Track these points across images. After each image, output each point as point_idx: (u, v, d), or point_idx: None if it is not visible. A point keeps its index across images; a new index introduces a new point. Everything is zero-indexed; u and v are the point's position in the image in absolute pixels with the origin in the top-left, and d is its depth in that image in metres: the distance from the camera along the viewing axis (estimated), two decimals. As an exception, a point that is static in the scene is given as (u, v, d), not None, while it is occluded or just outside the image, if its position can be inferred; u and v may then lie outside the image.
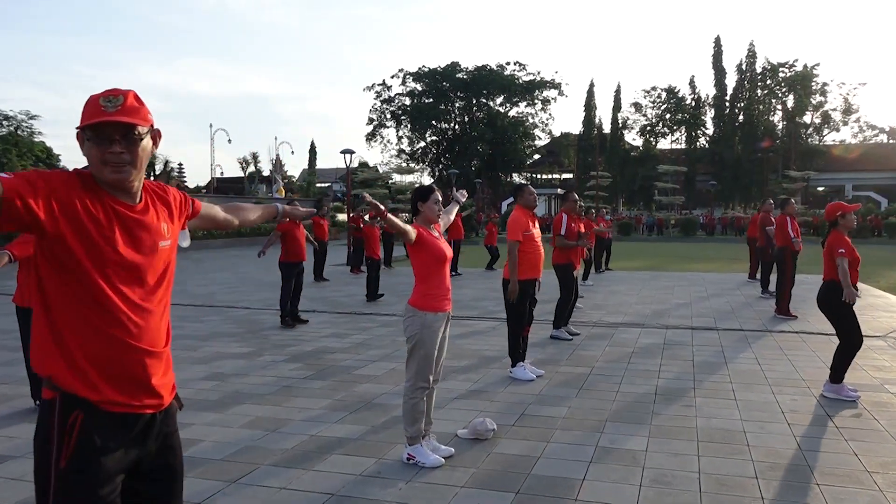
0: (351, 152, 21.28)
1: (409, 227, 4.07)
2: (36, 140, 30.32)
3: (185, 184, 78.73)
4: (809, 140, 67.51)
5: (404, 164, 66.96)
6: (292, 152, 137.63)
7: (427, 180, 75.31)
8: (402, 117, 70.02)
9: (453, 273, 17.05)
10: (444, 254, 4.22)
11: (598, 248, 17.69)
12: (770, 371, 6.69)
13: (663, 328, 9.26)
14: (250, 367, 6.98)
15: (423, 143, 71.77)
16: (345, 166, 21.86)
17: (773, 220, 12.90)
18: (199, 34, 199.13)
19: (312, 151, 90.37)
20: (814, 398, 5.70)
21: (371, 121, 70.55)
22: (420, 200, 4.30)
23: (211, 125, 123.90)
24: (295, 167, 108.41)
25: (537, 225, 6.62)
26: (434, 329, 4.15)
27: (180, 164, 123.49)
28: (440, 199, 4.34)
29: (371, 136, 70.95)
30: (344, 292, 13.74)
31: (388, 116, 70.78)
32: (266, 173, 63.65)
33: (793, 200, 10.33)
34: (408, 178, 63.79)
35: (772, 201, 13.02)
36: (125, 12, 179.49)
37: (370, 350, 7.83)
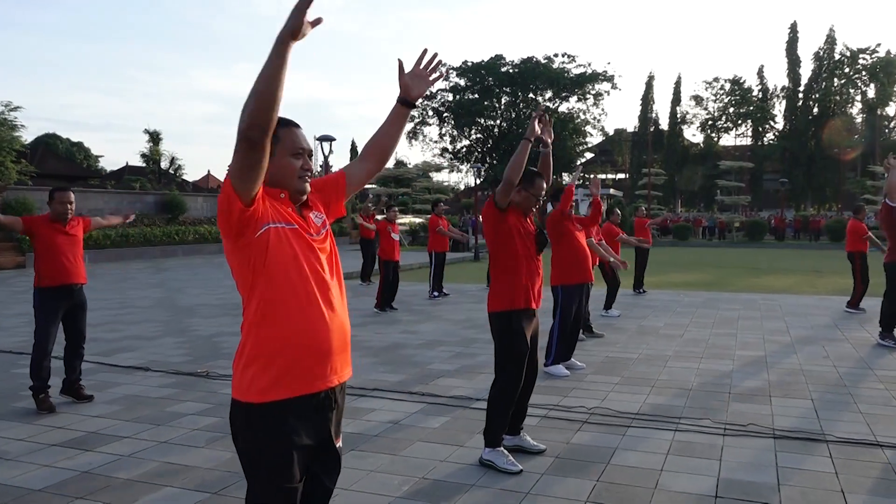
0: (331, 139, 17.42)
1: None
2: (16, 134, 27.22)
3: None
4: (893, 135, 60.64)
5: (440, 163, 63.29)
6: (331, 151, 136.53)
7: (471, 180, 71.43)
8: (445, 114, 66.45)
9: (436, 294, 12.92)
10: None
11: (639, 259, 13.52)
12: None
13: (719, 432, 4.82)
14: None
15: (466, 142, 68.12)
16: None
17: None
18: (256, 40, 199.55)
19: (353, 151, 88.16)
20: None
21: (412, 118, 66.91)
22: None
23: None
24: (337, 166, 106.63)
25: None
26: None
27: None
28: None
29: (412, 135, 67.44)
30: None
31: (430, 113, 67.46)
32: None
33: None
34: (453, 178, 60.28)
35: None
36: (183, 19, 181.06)
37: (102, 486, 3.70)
